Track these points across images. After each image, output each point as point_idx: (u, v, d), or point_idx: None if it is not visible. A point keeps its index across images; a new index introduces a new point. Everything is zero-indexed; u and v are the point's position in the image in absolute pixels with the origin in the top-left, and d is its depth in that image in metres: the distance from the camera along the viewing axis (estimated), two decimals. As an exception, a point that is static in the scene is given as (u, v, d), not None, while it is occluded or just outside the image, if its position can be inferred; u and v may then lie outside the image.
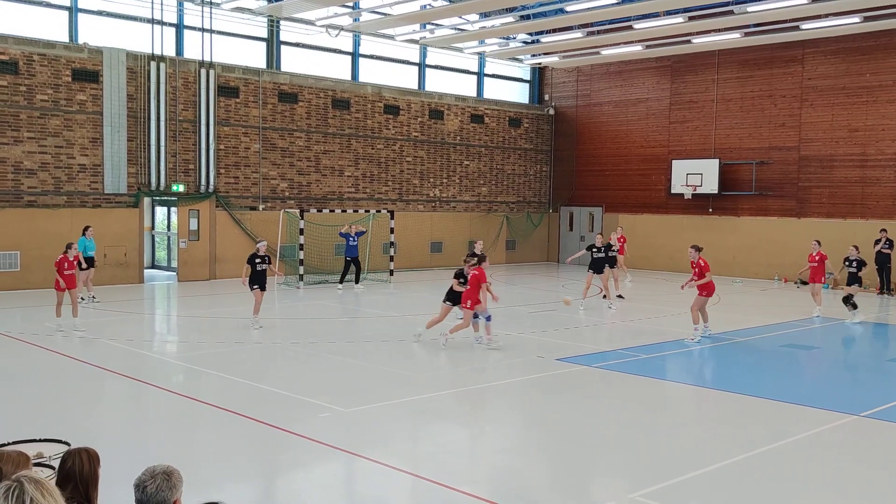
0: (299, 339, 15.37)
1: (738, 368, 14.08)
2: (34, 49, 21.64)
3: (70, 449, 4.74)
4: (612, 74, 32.78)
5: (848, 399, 11.60)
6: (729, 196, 29.19)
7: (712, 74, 29.73)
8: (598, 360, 13.78)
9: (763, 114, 28.47)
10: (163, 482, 3.85)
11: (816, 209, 27.26)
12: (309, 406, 10.48)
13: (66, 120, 22.23)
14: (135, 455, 8.16)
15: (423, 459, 8.67)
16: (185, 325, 18.03)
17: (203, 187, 24.76)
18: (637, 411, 10.72)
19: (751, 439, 9.37)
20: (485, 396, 11.62)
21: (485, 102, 32.52)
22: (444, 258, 30.60)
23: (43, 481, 3.10)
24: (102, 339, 14.85)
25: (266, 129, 26.09)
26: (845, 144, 26.60)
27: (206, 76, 24.53)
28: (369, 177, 28.77)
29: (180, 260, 24.79)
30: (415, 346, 14.85)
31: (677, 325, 17.98)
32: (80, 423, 9.59)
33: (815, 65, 27.25)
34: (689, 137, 30.43)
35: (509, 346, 15.09)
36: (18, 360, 13.16)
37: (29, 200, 21.74)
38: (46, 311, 18.05)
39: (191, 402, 10.73)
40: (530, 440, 9.59)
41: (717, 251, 29.28)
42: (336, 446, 8.76)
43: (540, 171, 34.67)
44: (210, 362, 13.27)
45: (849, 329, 18.39)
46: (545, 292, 23.96)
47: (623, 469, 8.46)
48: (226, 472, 8.16)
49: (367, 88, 28.60)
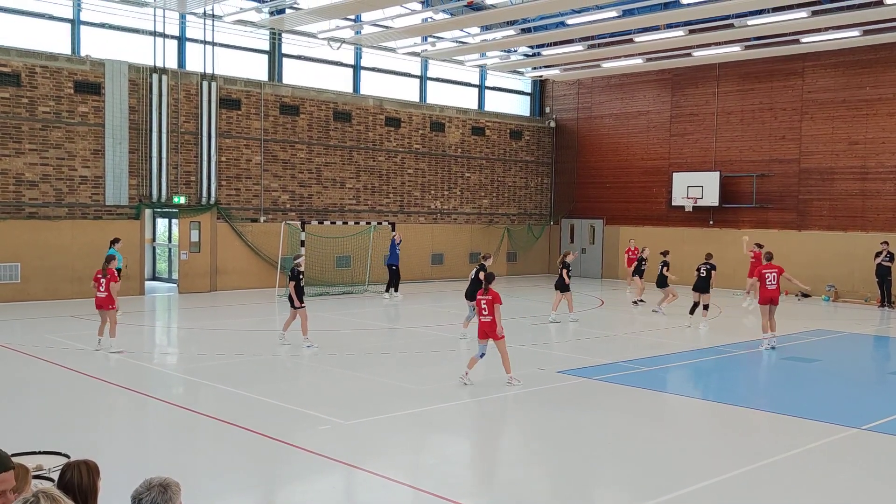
0: (299, 352, 15.35)
1: (740, 381, 14.06)
2: (36, 61, 21.71)
3: (69, 461, 4.73)
4: (612, 87, 32.86)
5: (849, 412, 11.56)
6: (730, 208, 29.21)
7: (713, 87, 29.80)
8: (600, 372, 13.75)
9: (763, 126, 28.52)
10: (158, 495, 3.85)
11: (817, 222, 27.27)
12: (309, 418, 10.46)
13: (68, 132, 22.28)
14: (134, 467, 8.13)
15: (424, 472, 8.65)
16: (185, 337, 18.02)
17: (204, 199, 24.79)
18: (639, 424, 10.69)
19: (752, 452, 9.35)
20: (486, 409, 11.59)
21: (486, 115, 32.59)
22: (446, 270, 30.60)
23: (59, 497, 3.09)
24: (103, 351, 14.82)
25: (268, 141, 26.14)
26: (845, 157, 26.62)
27: (208, 88, 24.60)
28: (370, 189, 28.81)
29: (181, 272, 24.79)
30: (416, 357, 14.82)
31: (678, 337, 17.97)
32: (80, 436, 9.57)
33: (816, 78, 27.31)
34: (689, 150, 30.48)
35: (511, 359, 15.06)
36: (18, 372, 13.14)
37: (30, 212, 21.76)
38: (46, 323, 18.06)
39: (191, 414, 10.71)
40: (531, 453, 9.56)
41: (718, 264, 29.13)
42: (336, 459, 8.74)
43: (541, 183, 34.71)
44: (210, 374, 13.26)
45: (848, 341, 18.36)
46: (546, 304, 23.92)
47: (625, 482, 8.44)
48: (226, 484, 8.14)
49: (369, 101, 28.67)
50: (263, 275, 25.50)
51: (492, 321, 12.37)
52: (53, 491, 3.20)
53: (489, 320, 12.39)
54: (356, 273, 27.29)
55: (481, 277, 16.05)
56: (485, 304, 12.44)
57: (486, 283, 12.69)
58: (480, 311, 12.57)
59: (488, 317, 12.41)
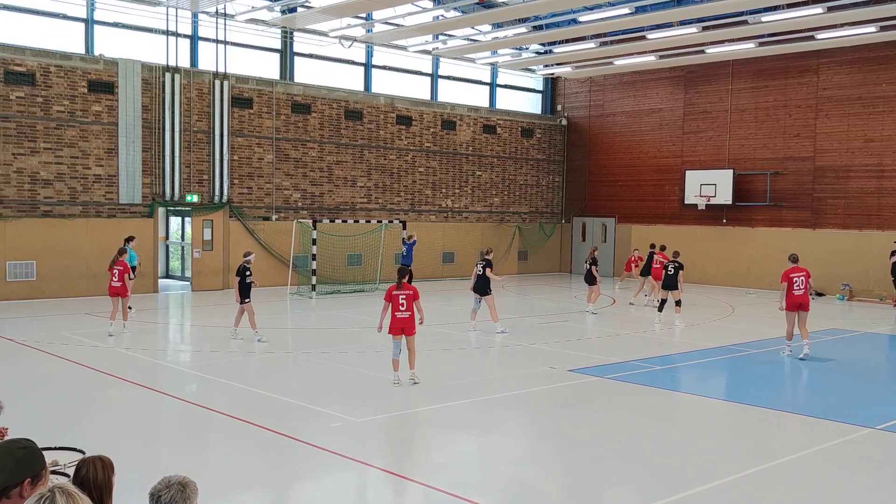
0: (311, 349, 15.38)
1: (753, 380, 13.99)
2: (51, 60, 21.83)
3: (85, 457, 4.76)
4: (625, 85, 32.76)
5: (864, 411, 11.49)
6: (743, 207, 29.07)
7: (726, 85, 29.66)
8: (611, 371, 13.73)
9: (777, 124, 28.36)
10: (177, 493, 3.85)
11: (832, 220, 27.11)
12: (320, 416, 10.49)
13: (82, 131, 22.40)
14: (148, 463, 8.18)
15: (435, 470, 8.66)
16: (198, 335, 18.10)
17: (217, 197, 24.88)
18: (650, 423, 10.66)
19: (765, 452, 9.31)
20: (496, 407, 11.58)
21: (497, 113, 32.56)
22: (456, 269, 30.59)
23: (74, 493, 3.11)
24: (117, 349, 14.91)
25: (279, 139, 26.20)
26: (861, 155, 26.45)
27: (220, 87, 24.68)
28: (382, 187, 28.83)
29: (194, 269, 24.90)
30: (427, 356, 14.81)
31: (691, 336, 17.91)
32: (95, 432, 9.62)
33: (831, 75, 27.14)
34: (702, 148, 30.36)
35: (522, 357, 15.06)
36: (34, 369, 13.23)
37: (45, 210, 21.89)
38: (61, 321, 18.17)
39: (203, 412, 10.76)
40: (542, 451, 9.55)
41: (731, 262, 29.19)
42: (347, 456, 8.76)
43: (552, 181, 34.65)
44: (223, 372, 13.31)
45: (863, 341, 18.26)
46: (557, 303, 23.91)
47: (635, 481, 8.42)
48: (237, 481, 8.17)
49: (380, 99, 28.69)
50: (275, 273, 25.56)
51: (410, 317, 12.16)
52: (69, 486, 3.22)
53: (407, 316, 12.15)
54: (367, 271, 27.33)
55: (488, 274, 16.68)
56: (403, 300, 12.10)
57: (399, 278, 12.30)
58: (397, 306, 12.13)
59: (406, 312, 12.14)
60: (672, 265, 19.85)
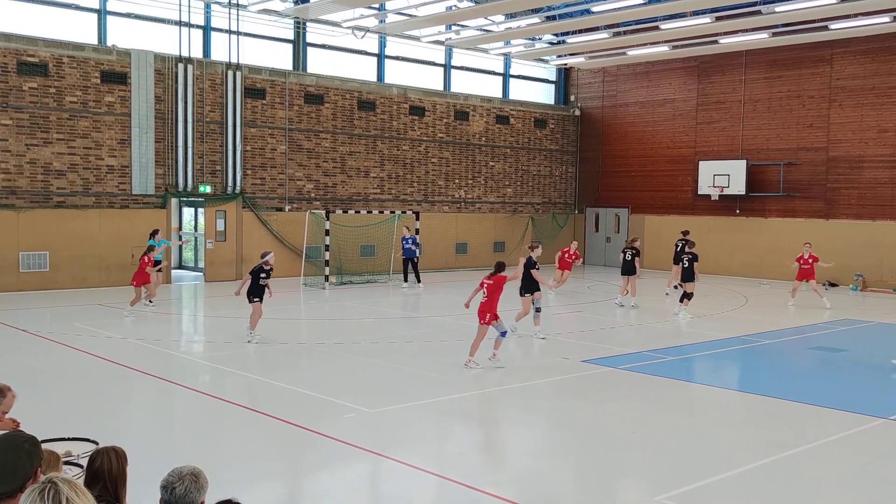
0: (325, 340, 15.41)
1: (766, 371, 13.94)
2: (63, 51, 21.89)
3: (98, 448, 4.79)
4: (638, 75, 32.60)
5: (877, 402, 11.44)
6: (756, 197, 28.92)
7: (740, 75, 29.47)
8: (625, 361, 13.70)
9: (791, 114, 28.18)
10: (191, 484, 3.87)
11: (845, 210, 26.93)
12: (334, 406, 10.51)
13: (95, 121, 22.46)
14: (162, 454, 8.22)
15: (449, 460, 8.67)
16: (211, 326, 18.17)
17: (230, 188, 24.93)
18: (663, 413, 10.64)
19: (778, 442, 9.28)
20: (510, 398, 11.59)
21: (510, 103, 32.47)
22: (470, 259, 30.58)
23: (74, 482, 3.12)
24: (130, 339, 14.99)
25: (292, 130, 26.21)
26: (875, 145, 26.25)
27: (233, 78, 24.69)
28: (395, 178, 28.82)
29: (207, 260, 24.97)
30: (440, 346, 14.83)
31: (704, 326, 17.85)
32: (108, 423, 9.68)
33: (844, 65, 26.93)
34: (716, 138, 30.20)
35: (535, 348, 15.05)
36: (47, 359, 13.31)
37: (58, 201, 21.99)
38: (75, 311, 18.28)
39: (217, 402, 10.80)
40: (556, 442, 9.55)
41: (745, 253, 29.06)
42: (361, 447, 8.78)
43: (565, 172, 34.55)
44: (236, 362, 13.36)
45: (876, 331, 18.15)
46: (570, 294, 23.87)
47: (649, 472, 8.41)
48: (251, 471, 8.20)
49: (393, 90, 28.66)
50: (288, 264, 25.59)
51: (484, 303, 13.01)
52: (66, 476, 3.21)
53: (483, 301, 13.07)
54: (380, 262, 27.35)
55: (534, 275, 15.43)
56: (487, 287, 13.11)
57: (497, 271, 13.25)
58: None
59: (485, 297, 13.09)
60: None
